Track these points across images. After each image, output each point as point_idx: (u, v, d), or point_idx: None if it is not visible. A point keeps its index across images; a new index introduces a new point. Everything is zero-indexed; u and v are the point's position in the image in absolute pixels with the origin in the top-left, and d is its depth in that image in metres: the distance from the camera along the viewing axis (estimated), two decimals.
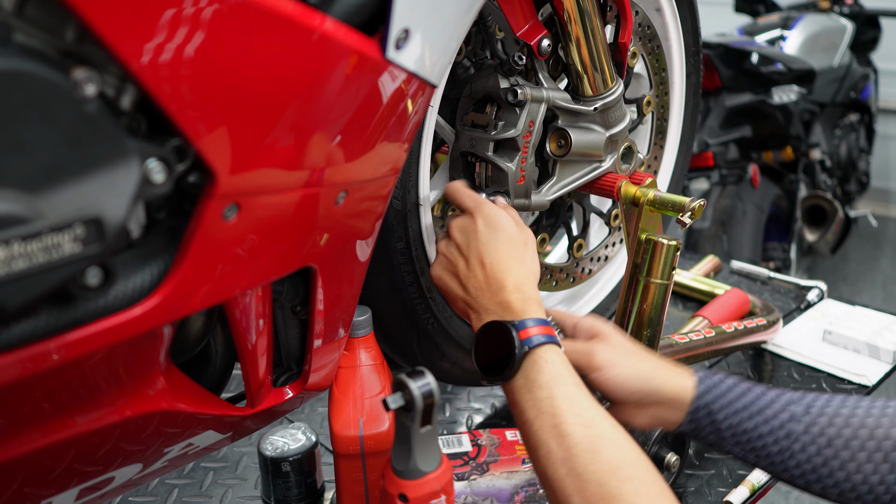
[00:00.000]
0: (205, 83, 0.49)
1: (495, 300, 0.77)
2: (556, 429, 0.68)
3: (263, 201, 0.56)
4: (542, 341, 0.73)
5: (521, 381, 0.73)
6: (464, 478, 0.94)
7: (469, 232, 0.81)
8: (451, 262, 0.82)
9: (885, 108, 3.98)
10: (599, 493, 0.63)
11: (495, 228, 0.80)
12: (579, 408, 0.69)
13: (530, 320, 0.74)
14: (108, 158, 0.45)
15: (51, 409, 0.53)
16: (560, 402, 0.69)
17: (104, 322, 0.50)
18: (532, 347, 0.73)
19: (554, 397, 0.70)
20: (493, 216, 0.81)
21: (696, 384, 0.78)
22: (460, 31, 0.70)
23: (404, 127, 0.68)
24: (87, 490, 0.62)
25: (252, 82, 0.51)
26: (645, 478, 0.65)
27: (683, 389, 0.78)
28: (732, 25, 3.33)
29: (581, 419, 0.68)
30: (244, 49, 0.50)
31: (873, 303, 2.59)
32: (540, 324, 0.74)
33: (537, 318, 0.75)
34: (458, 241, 0.82)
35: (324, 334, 0.73)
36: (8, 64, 0.41)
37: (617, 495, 0.63)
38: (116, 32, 0.43)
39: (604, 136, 0.97)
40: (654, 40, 1.09)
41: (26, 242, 0.42)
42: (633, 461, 0.66)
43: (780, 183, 2.91)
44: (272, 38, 0.51)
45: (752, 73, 2.67)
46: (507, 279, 0.78)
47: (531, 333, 0.73)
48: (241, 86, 0.51)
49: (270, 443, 0.95)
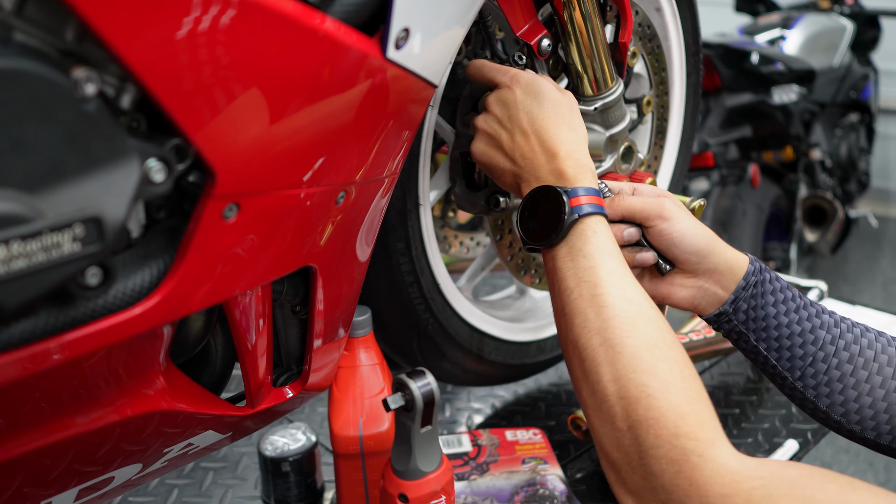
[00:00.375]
0: (205, 82, 0.48)
1: (548, 167, 0.74)
2: (595, 298, 0.66)
3: (263, 201, 0.56)
4: (591, 211, 0.71)
5: (564, 249, 0.71)
6: (464, 478, 0.93)
7: (509, 103, 0.77)
8: (494, 137, 0.78)
9: (885, 108, 3.98)
10: (632, 365, 0.61)
11: (537, 95, 0.76)
12: (623, 283, 0.67)
13: (581, 188, 0.72)
14: (107, 158, 0.45)
15: (50, 408, 0.53)
16: (603, 274, 0.67)
17: (104, 322, 0.50)
18: (581, 216, 0.71)
19: (597, 268, 0.68)
20: (533, 83, 0.77)
21: (749, 262, 0.76)
22: (460, 31, 0.70)
23: (404, 127, 0.68)
24: (86, 490, 0.62)
25: (252, 82, 0.51)
26: (680, 360, 0.63)
27: (740, 263, 0.76)
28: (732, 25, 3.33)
29: (623, 293, 0.66)
30: (244, 48, 0.50)
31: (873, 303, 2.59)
32: (591, 193, 0.72)
33: (589, 186, 0.72)
34: (497, 114, 0.78)
35: (324, 334, 0.73)
36: (8, 63, 0.41)
37: (650, 371, 0.61)
38: (116, 32, 0.43)
39: (604, 136, 0.96)
40: (653, 40, 1.09)
41: (26, 242, 0.42)
42: (672, 343, 0.64)
43: (780, 183, 2.91)
44: (272, 38, 0.51)
45: (752, 73, 2.67)
46: (559, 146, 0.74)
47: (582, 202, 0.71)
48: (241, 85, 0.51)
49: (270, 443, 0.95)
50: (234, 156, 0.52)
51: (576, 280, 0.68)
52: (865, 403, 0.71)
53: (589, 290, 0.67)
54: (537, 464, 0.97)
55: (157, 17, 0.45)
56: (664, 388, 0.60)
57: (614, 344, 0.63)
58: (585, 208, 0.71)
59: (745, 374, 1.29)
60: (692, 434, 0.57)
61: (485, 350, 1.02)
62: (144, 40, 0.45)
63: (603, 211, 0.72)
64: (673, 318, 1.45)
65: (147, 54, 0.45)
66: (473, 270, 1.04)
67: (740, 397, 1.23)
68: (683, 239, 0.76)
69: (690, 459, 0.56)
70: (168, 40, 0.46)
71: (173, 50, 0.46)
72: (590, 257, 0.69)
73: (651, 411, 0.59)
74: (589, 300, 0.66)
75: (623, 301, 0.66)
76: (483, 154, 0.80)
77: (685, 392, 0.60)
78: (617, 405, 0.61)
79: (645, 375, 0.61)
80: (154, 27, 0.45)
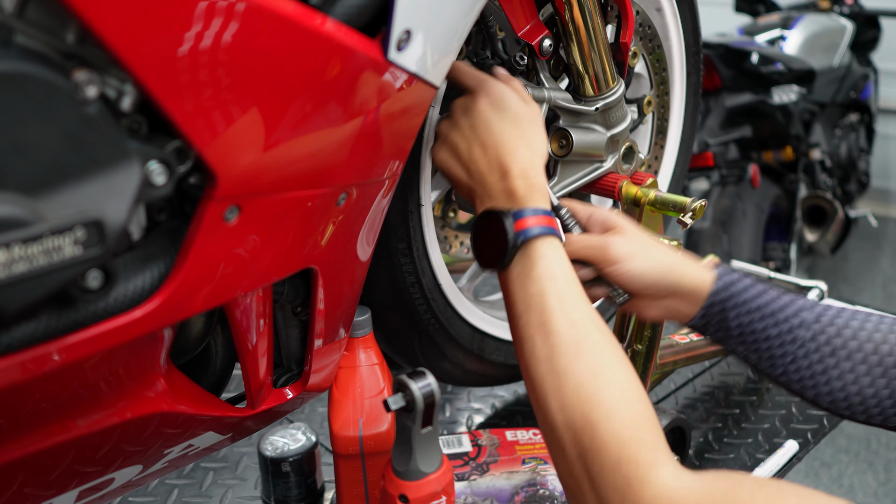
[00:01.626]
0: (206, 85, 0.48)
1: (500, 185, 0.73)
2: (542, 325, 0.66)
3: (264, 203, 0.56)
4: (538, 233, 0.70)
5: (515, 272, 0.70)
6: (464, 478, 0.93)
7: (472, 112, 0.76)
8: (454, 146, 0.77)
9: (885, 108, 3.98)
10: (576, 394, 0.62)
11: (500, 108, 0.75)
12: (569, 306, 0.67)
13: (530, 210, 0.71)
14: (108, 160, 0.45)
15: (51, 410, 0.53)
16: (549, 299, 0.67)
17: (105, 325, 0.50)
18: (528, 239, 0.70)
19: (545, 293, 0.67)
20: (498, 94, 0.76)
21: (713, 279, 0.77)
22: (462, 32, 0.70)
23: (405, 128, 0.68)
24: (87, 491, 0.62)
25: (253, 84, 0.51)
26: (625, 382, 0.63)
27: (701, 283, 0.77)
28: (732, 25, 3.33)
29: (569, 319, 0.66)
30: (245, 51, 0.50)
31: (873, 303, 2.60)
32: (539, 214, 0.71)
33: (538, 207, 0.72)
34: (460, 122, 0.77)
35: (324, 335, 0.73)
36: (8, 66, 0.41)
37: (594, 399, 0.61)
38: (117, 34, 0.43)
39: (605, 137, 0.96)
40: (654, 40, 1.09)
41: (27, 245, 0.42)
42: (616, 367, 0.64)
43: (780, 183, 2.91)
44: (273, 40, 0.51)
45: (752, 73, 2.67)
46: (513, 163, 0.73)
47: (529, 224, 0.70)
48: (241, 87, 0.51)
49: (270, 443, 0.95)
50: (235, 158, 0.52)
51: (525, 305, 0.69)
52: (851, 392, 0.72)
53: (536, 316, 0.67)
54: (538, 464, 0.97)
55: (158, 20, 0.45)
56: (607, 417, 0.60)
57: (559, 373, 0.64)
58: (533, 230, 0.70)
59: (745, 374, 1.29)
60: (633, 458, 0.58)
61: (486, 350, 1.02)
62: (145, 42, 0.45)
63: (553, 231, 0.71)
64: None
65: (148, 56, 0.45)
66: (474, 270, 1.04)
67: (740, 397, 1.23)
68: (632, 280, 0.76)
69: (632, 486, 0.57)
70: (169, 42, 0.46)
71: (174, 52, 0.46)
72: (537, 281, 0.69)
73: (595, 441, 0.60)
74: (536, 326, 0.67)
75: (568, 327, 0.66)
76: (443, 162, 0.79)
77: (628, 416, 0.61)
78: (565, 434, 0.62)
79: (589, 405, 0.61)
80: (155, 29, 0.45)
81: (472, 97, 0.77)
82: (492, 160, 0.74)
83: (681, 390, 1.25)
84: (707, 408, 1.21)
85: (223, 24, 0.48)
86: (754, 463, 1.06)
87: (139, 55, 0.45)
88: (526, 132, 0.76)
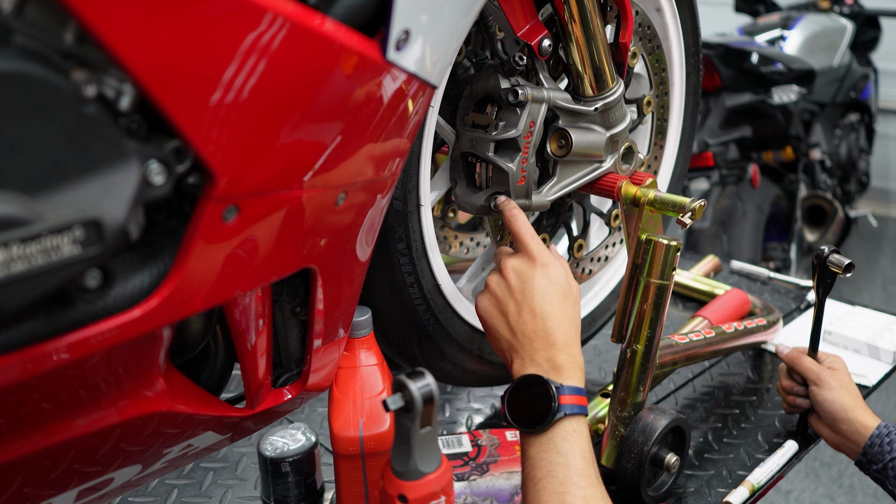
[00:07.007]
0: (204, 84, 0.48)
1: (544, 354, 0.79)
2: (559, 496, 0.71)
3: (263, 203, 0.56)
4: (574, 411, 0.76)
5: (543, 440, 0.75)
6: (464, 478, 0.93)
7: (525, 278, 0.82)
8: (501, 302, 0.82)
9: (885, 108, 3.98)
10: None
11: (553, 281, 0.81)
12: (586, 482, 0.72)
13: (569, 388, 0.77)
14: (107, 160, 0.45)
15: (51, 410, 0.53)
16: (571, 473, 0.72)
17: (103, 324, 0.50)
18: (567, 415, 0.76)
19: (568, 466, 0.73)
20: (553, 268, 0.82)
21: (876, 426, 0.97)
22: (461, 32, 0.70)
23: (405, 128, 0.68)
24: (86, 491, 0.62)
25: (251, 83, 0.51)
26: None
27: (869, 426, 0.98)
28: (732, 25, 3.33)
29: (583, 494, 0.71)
30: (244, 50, 0.50)
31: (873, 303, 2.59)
32: (577, 393, 0.77)
33: (576, 386, 0.78)
34: (511, 282, 0.82)
35: (324, 335, 0.73)
36: (7, 65, 0.41)
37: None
38: (116, 34, 0.43)
39: (604, 137, 0.96)
40: (654, 40, 1.09)
41: (25, 245, 0.42)
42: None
43: (780, 183, 2.90)
44: (272, 40, 0.51)
45: (752, 73, 2.67)
46: (559, 337, 0.79)
47: (567, 401, 0.76)
48: (240, 87, 0.51)
49: (270, 443, 0.95)
50: (233, 157, 0.52)
51: (544, 472, 0.73)
52: None
53: (554, 486, 0.72)
54: None
55: (157, 20, 0.45)
56: None
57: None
58: (570, 408, 0.76)
59: (745, 374, 1.29)
60: None
61: (485, 350, 1.02)
62: (144, 42, 0.45)
63: (585, 411, 0.78)
64: (673, 318, 1.45)
65: (146, 56, 0.45)
66: (474, 271, 1.04)
67: (740, 397, 1.23)
68: (820, 403, 1.04)
69: None
70: (167, 42, 0.46)
71: (172, 52, 0.46)
72: (564, 454, 0.74)
73: None
74: (550, 495, 0.71)
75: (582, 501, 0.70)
76: (487, 313, 0.84)
77: None
78: None
79: None
80: (153, 29, 0.45)
81: (526, 261, 0.83)
82: (538, 328, 0.80)
83: (681, 390, 1.25)
84: (707, 408, 1.21)
85: (223, 24, 0.48)
86: (754, 463, 1.06)
87: (138, 55, 0.45)
88: (571, 309, 0.82)
